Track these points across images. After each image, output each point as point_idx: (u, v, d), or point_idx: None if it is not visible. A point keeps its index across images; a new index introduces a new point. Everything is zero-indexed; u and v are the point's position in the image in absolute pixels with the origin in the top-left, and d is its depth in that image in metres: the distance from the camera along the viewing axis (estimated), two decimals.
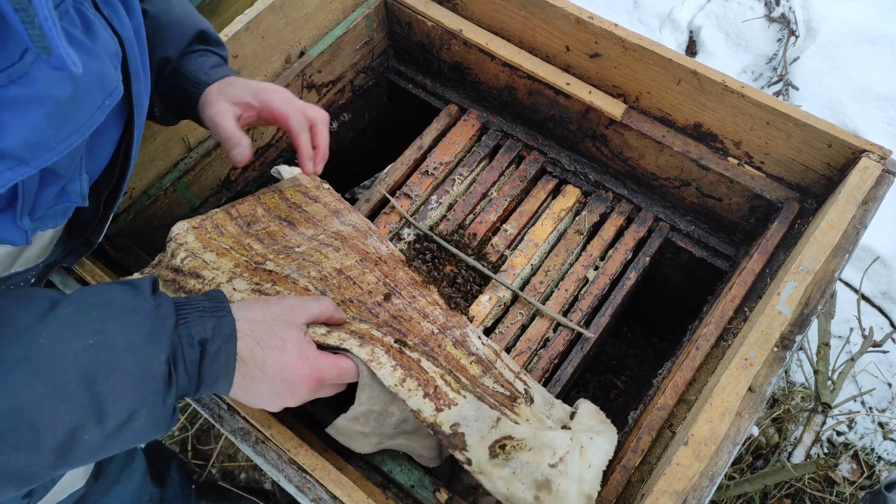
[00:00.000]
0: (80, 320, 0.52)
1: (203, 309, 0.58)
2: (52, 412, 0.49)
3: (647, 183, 1.15)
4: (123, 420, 0.53)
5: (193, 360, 0.56)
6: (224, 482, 1.59)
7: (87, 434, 0.51)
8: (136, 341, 0.53)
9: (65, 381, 0.49)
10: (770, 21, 2.23)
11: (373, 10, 1.22)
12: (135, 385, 0.53)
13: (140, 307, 0.55)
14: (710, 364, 0.88)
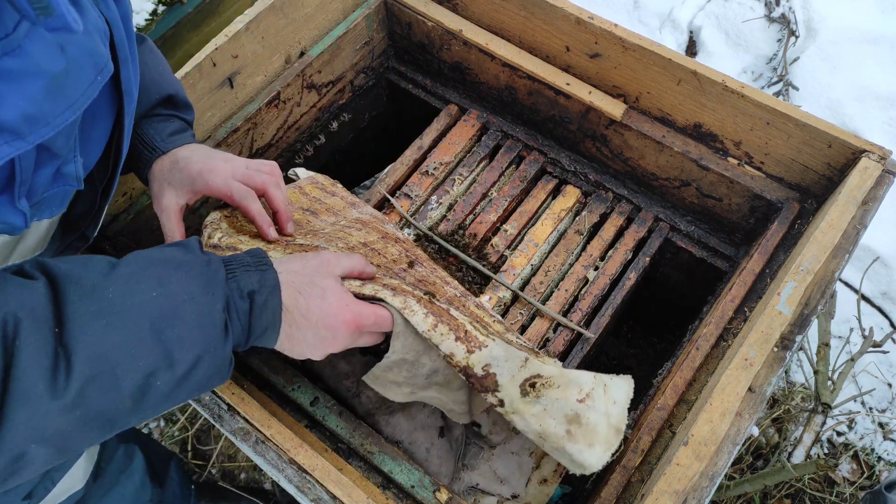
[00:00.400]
0: (141, 276, 0.56)
1: (247, 264, 0.62)
2: (128, 359, 0.53)
3: (647, 183, 1.15)
4: (190, 366, 0.57)
5: (244, 310, 0.60)
6: (224, 482, 1.59)
7: (160, 380, 0.55)
8: (194, 293, 0.57)
9: (136, 330, 0.54)
10: (770, 21, 2.23)
11: (373, 10, 1.22)
12: (198, 333, 0.57)
13: (193, 262, 0.59)
14: (710, 364, 0.88)
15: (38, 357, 0.50)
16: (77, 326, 0.51)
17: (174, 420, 1.72)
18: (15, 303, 0.50)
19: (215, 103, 1.06)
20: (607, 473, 0.83)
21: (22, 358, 0.49)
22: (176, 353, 0.56)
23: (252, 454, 0.79)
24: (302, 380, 0.86)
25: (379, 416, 0.89)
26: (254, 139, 1.14)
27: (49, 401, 0.50)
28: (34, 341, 0.50)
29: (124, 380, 0.53)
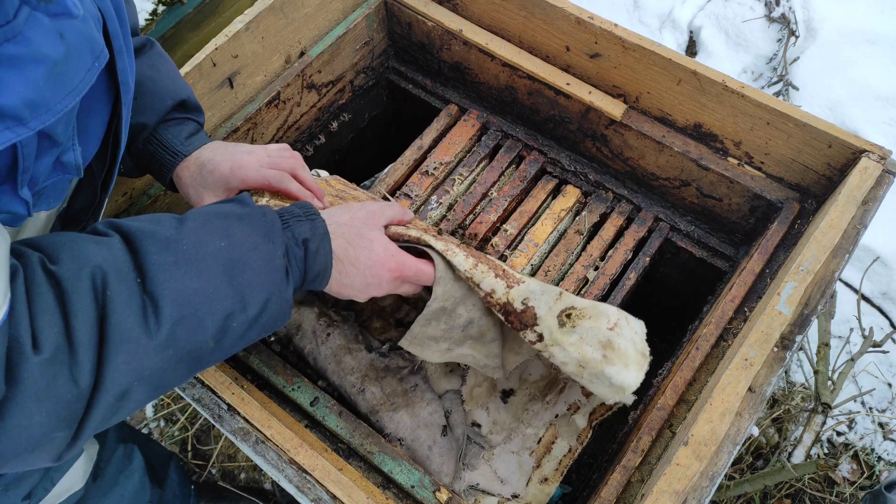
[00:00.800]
0: (209, 228, 0.61)
1: (298, 215, 0.68)
2: (207, 302, 0.58)
3: (647, 183, 1.15)
4: (260, 308, 0.62)
5: (300, 257, 0.66)
6: (224, 482, 1.59)
7: (235, 321, 0.61)
8: (256, 242, 0.62)
9: (212, 277, 0.59)
10: (770, 21, 2.23)
11: (373, 10, 1.22)
12: (264, 278, 0.62)
13: (251, 214, 0.64)
14: (710, 364, 0.88)
15: (129, 304, 0.54)
16: (159, 275, 0.56)
17: (174, 420, 1.72)
18: (98, 258, 0.55)
19: (215, 103, 1.06)
20: (607, 473, 0.83)
21: (115, 306, 0.53)
22: (247, 296, 0.61)
23: (252, 454, 0.79)
24: (302, 380, 0.86)
25: (382, 413, 0.89)
26: (254, 139, 1.14)
27: (146, 341, 0.55)
28: (122, 290, 0.54)
29: (206, 321, 0.58)
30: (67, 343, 0.51)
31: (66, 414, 0.53)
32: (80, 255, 0.55)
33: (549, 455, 0.94)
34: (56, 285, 0.53)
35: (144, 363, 0.55)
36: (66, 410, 0.52)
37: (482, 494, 0.89)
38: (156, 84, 0.83)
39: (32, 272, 0.53)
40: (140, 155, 0.84)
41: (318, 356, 0.93)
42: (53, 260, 0.54)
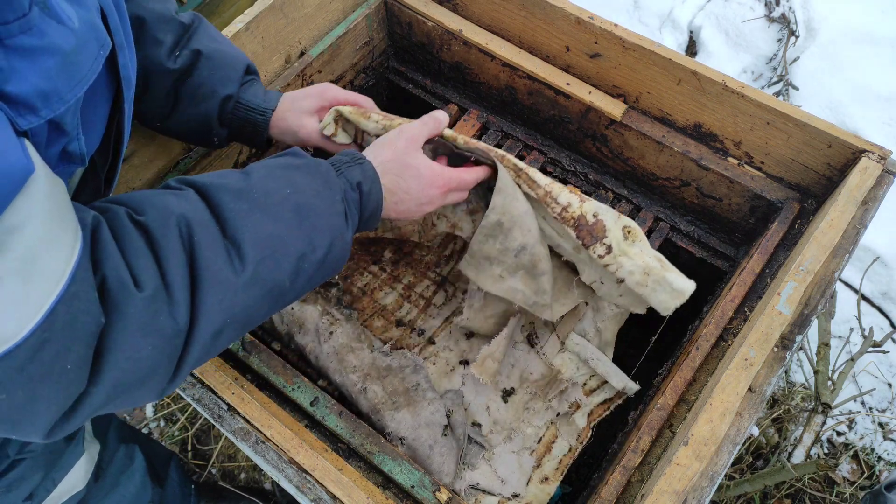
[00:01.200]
0: (274, 177, 0.65)
1: (347, 161, 0.72)
2: (283, 244, 0.62)
3: (647, 183, 1.15)
4: (326, 250, 0.66)
5: (355, 200, 0.71)
6: (224, 482, 1.59)
7: (307, 262, 0.65)
8: (317, 188, 0.67)
9: (284, 221, 0.63)
10: (770, 21, 2.23)
11: (373, 9, 1.22)
12: (328, 221, 0.67)
13: (308, 164, 0.69)
14: (710, 364, 0.88)
15: (214, 248, 0.58)
16: (237, 221, 0.60)
17: (174, 420, 1.72)
18: (179, 209, 0.58)
19: None
20: (607, 473, 0.83)
21: (202, 250, 0.57)
22: (315, 238, 0.65)
23: (252, 454, 0.79)
24: (302, 380, 0.86)
25: (384, 412, 0.89)
26: None
27: (234, 280, 0.59)
28: (207, 236, 0.58)
29: (283, 261, 0.62)
30: (163, 284, 0.55)
31: (169, 349, 0.56)
32: (164, 207, 0.58)
33: (549, 454, 0.94)
34: (145, 233, 0.56)
35: (234, 301, 0.59)
36: (168, 345, 0.56)
37: (483, 494, 0.90)
38: (225, 55, 0.88)
39: (121, 223, 0.56)
40: (231, 123, 0.90)
41: (319, 354, 0.93)
42: (139, 212, 0.58)
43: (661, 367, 0.97)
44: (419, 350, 1.01)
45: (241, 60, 0.90)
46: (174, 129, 0.92)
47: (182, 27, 0.87)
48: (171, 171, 1.04)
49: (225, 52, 0.88)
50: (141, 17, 0.83)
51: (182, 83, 0.86)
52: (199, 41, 0.87)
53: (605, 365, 0.98)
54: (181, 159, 1.05)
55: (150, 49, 0.84)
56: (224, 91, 0.88)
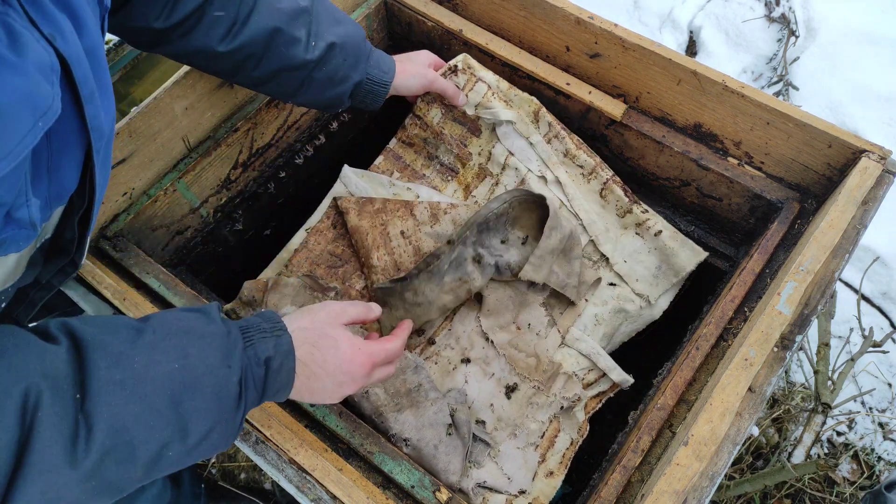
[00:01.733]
0: (166, 346, 0.57)
1: (263, 330, 0.65)
2: (146, 430, 0.54)
3: (647, 183, 1.15)
4: (202, 436, 0.58)
5: (259, 376, 0.63)
6: (224, 482, 1.59)
7: (172, 450, 0.56)
8: (213, 365, 0.59)
9: (157, 402, 0.55)
10: (770, 21, 2.23)
11: (373, 10, 1.22)
12: (213, 404, 0.58)
13: (214, 333, 0.61)
14: (710, 364, 0.88)
15: (60, 427, 0.49)
16: (101, 395, 0.52)
17: None
18: (37, 371, 0.50)
19: (215, 103, 1.05)
20: (607, 473, 0.83)
21: (43, 429, 0.48)
22: (191, 424, 0.57)
23: (252, 454, 0.79)
24: None
25: (388, 414, 0.89)
26: (254, 139, 1.14)
27: (68, 472, 0.50)
28: (57, 411, 0.49)
29: (140, 451, 0.54)
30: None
31: None
32: (19, 366, 0.49)
33: (552, 449, 0.94)
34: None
35: (63, 494, 0.50)
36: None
37: (490, 492, 0.90)
38: (352, 38, 0.92)
39: None
40: (357, 97, 0.98)
41: None
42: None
43: (661, 367, 0.97)
44: (420, 351, 1.01)
45: (362, 37, 0.95)
46: (298, 102, 0.97)
47: (307, 14, 0.89)
48: (171, 170, 1.04)
49: (349, 33, 0.92)
50: (276, 27, 0.85)
51: (318, 71, 0.90)
52: (326, 29, 0.90)
53: (605, 360, 0.99)
54: (181, 159, 1.05)
55: (289, 49, 0.87)
56: (356, 76, 0.94)
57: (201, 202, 1.12)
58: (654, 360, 1.03)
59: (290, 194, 1.30)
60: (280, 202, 1.29)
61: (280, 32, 0.86)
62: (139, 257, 0.94)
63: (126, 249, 0.95)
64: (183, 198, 1.08)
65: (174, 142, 1.02)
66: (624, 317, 1.04)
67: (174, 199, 1.06)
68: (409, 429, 0.88)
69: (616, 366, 0.99)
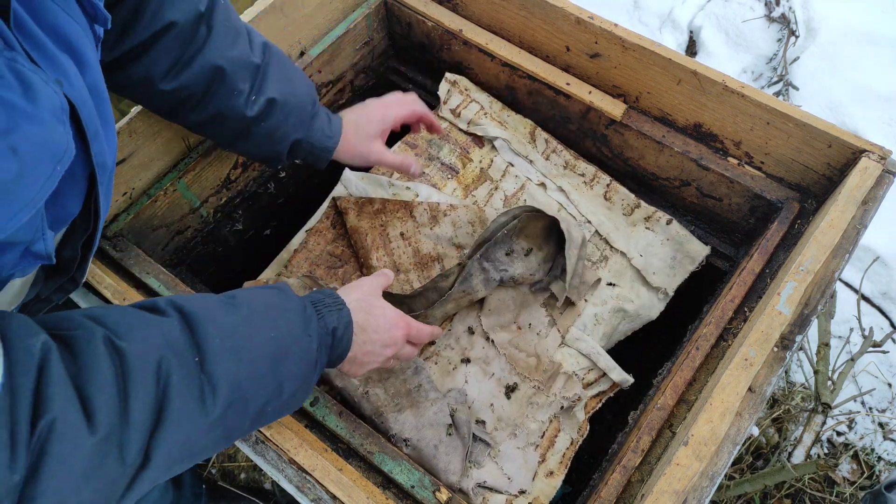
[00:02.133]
0: (259, 319, 0.65)
1: (328, 304, 0.73)
2: (254, 388, 0.62)
3: (647, 183, 1.15)
4: (291, 394, 0.67)
5: (328, 344, 0.72)
6: (224, 482, 1.59)
7: (271, 406, 0.65)
8: (297, 335, 0.67)
9: (260, 365, 0.63)
10: (770, 21, 2.23)
11: (373, 10, 1.22)
12: (300, 368, 0.67)
13: (294, 308, 0.69)
14: (710, 364, 0.88)
15: (189, 387, 0.57)
16: (218, 360, 0.59)
17: None
18: (163, 342, 0.56)
19: None
20: (607, 473, 0.83)
21: (177, 389, 0.55)
22: (285, 384, 0.65)
23: (252, 454, 0.79)
24: None
25: (388, 414, 0.89)
26: None
27: (202, 421, 0.58)
28: (184, 374, 0.56)
29: (250, 405, 0.62)
30: (121, 423, 0.52)
31: (111, 491, 0.53)
32: (148, 337, 0.56)
33: (552, 448, 0.94)
34: (120, 362, 0.53)
35: (195, 442, 0.58)
36: (110, 488, 0.53)
37: (490, 492, 0.90)
38: (297, 97, 0.90)
39: (93, 348, 0.52)
40: (297, 156, 0.95)
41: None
42: (120, 336, 0.54)
43: (661, 367, 0.97)
44: (419, 351, 1.01)
45: (309, 98, 0.92)
46: (237, 151, 0.95)
47: (256, 70, 0.86)
48: (171, 170, 1.04)
49: (296, 93, 0.90)
50: (221, 67, 0.82)
51: (256, 126, 0.88)
52: (272, 85, 0.87)
53: (605, 360, 0.99)
54: (181, 159, 1.05)
55: (229, 99, 0.85)
56: (295, 135, 0.91)
57: (201, 202, 1.12)
58: (654, 360, 1.03)
59: (290, 194, 1.30)
60: (280, 202, 1.29)
61: (223, 78, 0.83)
62: (139, 257, 0.94)
63: (126, 249, 0.95)
64: (183, 198, 1.08)
65: (174, 142, 1.02)
66: (623, 316, 1.05)
67: (174, 199, 1.06)
68: (409, 429, 0.88)
69: (616, 365, 0.99)
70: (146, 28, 0.77)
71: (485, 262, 1.01)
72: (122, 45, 0.77)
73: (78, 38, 0.57)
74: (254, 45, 0.87)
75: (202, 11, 0.80)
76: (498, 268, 1.01)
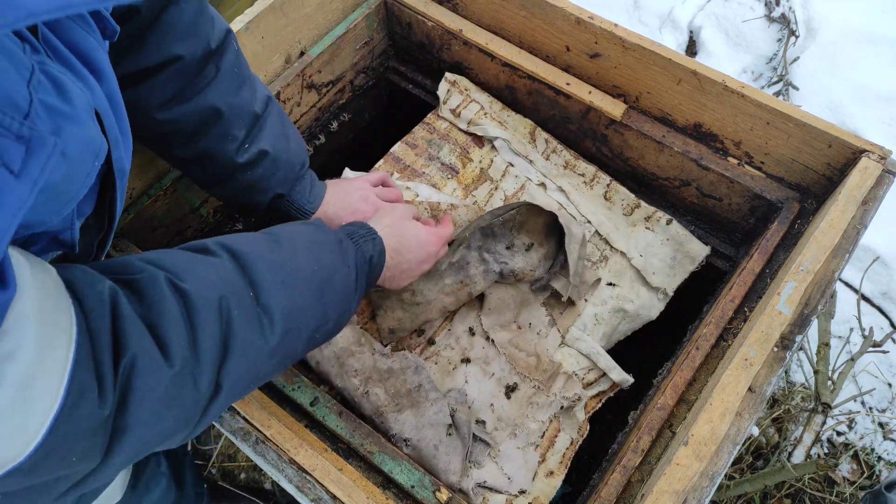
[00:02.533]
0: (302, 254, 0.69)
1: (363, 235, 0.80)
2: (305, 317, 0.67)
3: (647, 183, 1.15)
4: (336, 323, 0.73)
5: (365, 271, 0.78)
6: (224, 482, 1.59)
7: (319, 332, 0.70)
8: (337, 266, 0.72)
9: (309, 295, 0.67)
10: (770, 21, 2.23)
11: (373, 9, 1.22)
12: (342, 297, 0.72)
13: (331, 242, 0.74)
14: (710, 364, 0.88)
15: (249, 318, 0.61)
16: (271, 293, 0.63)
17: None
18: (220, 280, 0.60)
19: None
20: (607, 473, 0.83)
21: (239, 321, 0.59)
22: (330, 313, 0.70)
23: (252, 454, 0.79)
24: (302, 380, 0.86)
25: (388, 414, 0.89)
26: None
27: (264, 348, 0.62)
28: (243, 307, 0.60)
29: (303, 332, 0.67)
30: (193, 355, 0.55)
31: (189, 416, 0.57)
32: (206, 277, 0.59)
33: (552, 448, 0.94)
34: (185, 302, 0.56)
35: (259, 368, 0.63)
36: (188, 413, 0.57)
37: (490, 492, 0.90)
38: (289, 156, 0.91)
39: (159, 289, 0.55)
40: (272, 212, 0.95)
41: (320, 359, 0.93)
42: (181, 278, 0.57)
43: (661, 367, 0.97)
44: (420, 351, 1.01)
45: (299, 159, 0.93)
46: (214, 194, 0.94)
47: (255, 119, 0.86)
48: (171, 170, 1.04)
49: (288, 151, 0.91)
50: (219, 109, 0.81)
51: (241, 173, 0.87)
52: (266, 137, 0.87)
53: (605, 360, 0.99)
54: None
55: (221, 142, 0.84)
56: (278, 190, 0.92)
57: (201, 202, 1.12)
58: (654, 360, 1.03)
59: None
60: None
61: (219, 121, 0.82)
62: None
63: (126, 249, 0.95)
64: (183, 198, 1.08)
65: None
66: (623, 316, 1.05)
67: (174, 199, 1.06)
68: (409, 429, 0.88)
69: (616, 365, 0.99)
70: (148, 57, 0.76)
71: (485, 253, 1.01)
72: (120, 68, 0.74)
73: (94, 51, 0.57)
74: (257, 96, 0.86)
75: (212, 49, 0.79)
76: (498, 260, 1.01)
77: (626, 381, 0.98)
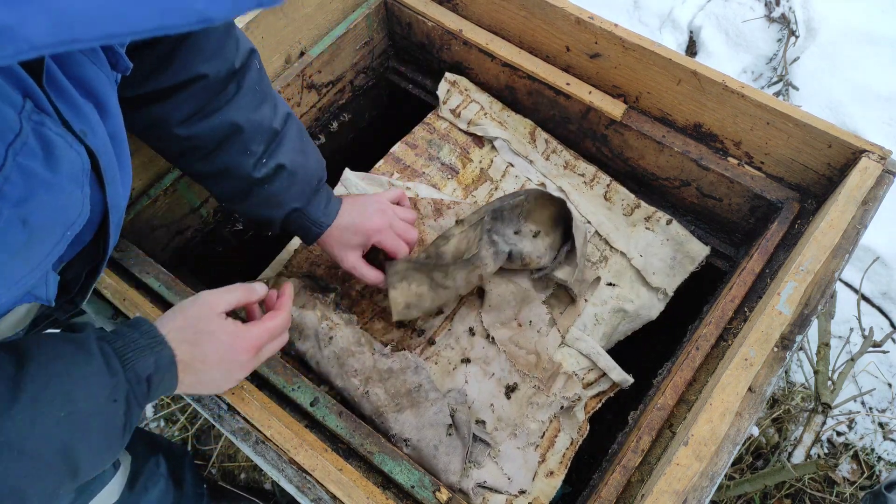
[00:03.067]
0: (49, 395, 0.55)
1: (141, 346, 0.64)
2: (36, 483, 0.53)
3: (647, 183, 1.15)
4: (93, 469, 0.59)
5: (143, 393, 0.63)
6: (224, 482, 1.59)
7: (63, 489, 0.57)
8: (100, 404, 0.58)
9: (46, 455, 0.54)
10: (770, 21, 2.23)
11: (373, 10, 1.22)
12: (103, 441, 0.59)
13: (97, 371, 0.59)
14: (710, 364, 0.88)
15: None
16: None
17: (174, 420, 1.72)
18: None
19: None
20: (607, 473, 0.83)
21: None
22: (82, 464, 0.57)
23: (252, 454, 0.79)
24: (302, 380, 0.86)
25: (387, 414, 0.89)
26: None
27: None
28: None
29: (32, 500, 0.54)
30: None
31: None
32: None
33: (552, 448, 0.94)
34: None
35: None
36: None
37: (490, 492, 0.90)
38: (307, 171, 0.89)
39: None
40: (288, 227, 0.92)
41: (320, 360, 0.93)
42: None
43: (661, 367, 0.97)
44: (420, 351, 1.01)
45: (317, 175, 0.91)
46: (236, 211, 0.93)
47: (274, 135, 0.85)
48: (171, 170, 1.04)
49: (306, 166, 0.89)
50: (239, 125, 0.81)
51: (259, 187, 0.86)
52: (284, 152, 0.86)
53: (605, 360, 0.99)
54: None
55: (240, 157, 0.83)
56: (294, 204, 0.89)
57: (201, 202, 1.12)
58: (654, 360, 1.03)
59: None
60: None
61: (239, 136, 0.82)
62: (139, 257, 0.94)
63: (126, 249, 0.95)
64: (183, 198, 1.08)
65: None
66: (623, 316, 1.05)
67: (174, 199, 1.06)
68: (409, 429, 0.88)
69: (616, 365, 0.99)
70: (174, 75, 0.76)
71: (494, 235, 1.01)
72: (146, 86, 0.75)
73: (101, 86, 0.57)
74: (277, 113, 0.86)
75: (236, 68, 0.79)
76: (507, 241, 1.01)
77: (626, 381, 0.98)
